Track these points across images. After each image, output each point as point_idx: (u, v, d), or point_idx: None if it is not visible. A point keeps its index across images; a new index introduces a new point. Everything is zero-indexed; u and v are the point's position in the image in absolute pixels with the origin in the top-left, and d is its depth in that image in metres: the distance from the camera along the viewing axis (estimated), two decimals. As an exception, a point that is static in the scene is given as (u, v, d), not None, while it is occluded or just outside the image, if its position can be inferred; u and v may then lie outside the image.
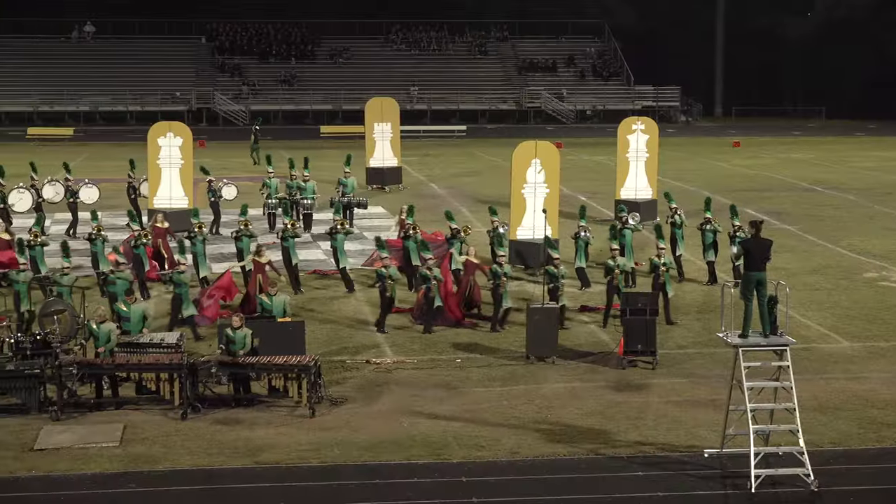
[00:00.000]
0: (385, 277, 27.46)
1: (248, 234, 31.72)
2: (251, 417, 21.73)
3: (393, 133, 51.84)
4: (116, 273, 26.94)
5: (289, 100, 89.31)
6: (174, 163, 39.89)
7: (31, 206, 40.60)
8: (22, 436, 20.69)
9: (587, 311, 29.40)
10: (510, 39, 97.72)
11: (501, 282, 27.36)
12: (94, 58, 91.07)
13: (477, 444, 20.34)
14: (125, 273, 27.08)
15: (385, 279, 27.46)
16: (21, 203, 40.70)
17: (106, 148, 69.03)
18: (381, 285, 27.64)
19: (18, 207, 40.37)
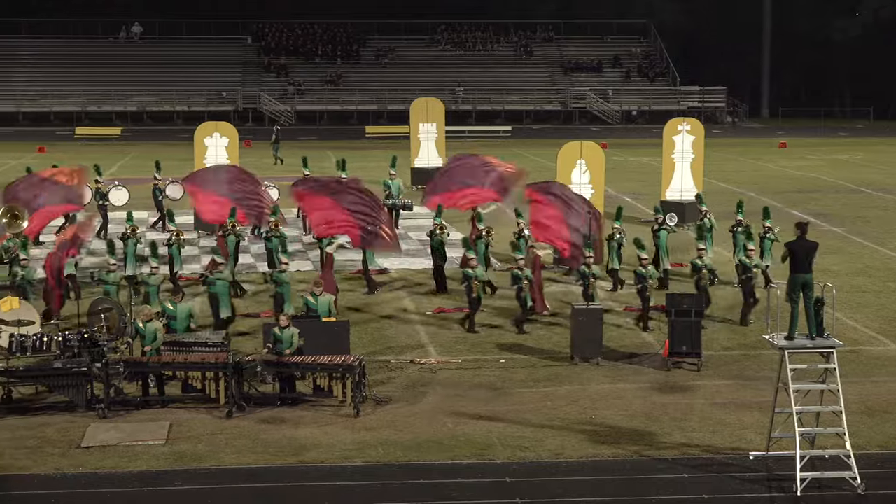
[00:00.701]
0: (471, 278, 27.45)
1: (277, 234, 31.72)
2: (296, 416, 21.80)
3: (438, 133, 51.89)
4: (215, 274, 27.00)
5: (334, 100, 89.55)
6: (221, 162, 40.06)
7: None
8: (69, 433, 20.84)
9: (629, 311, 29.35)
10: (556, 40, 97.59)
11: (524, 285, 27.32)
12: (142, 58, 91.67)
13: (521, 445, 20.32)
14: (224, 273, 27.04)
15: (471, 279, 27.43)
16: None
17: (153, 147, 69.40)
18: (468, 285, 27.61)
19: None
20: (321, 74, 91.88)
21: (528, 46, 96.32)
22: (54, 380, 21.98)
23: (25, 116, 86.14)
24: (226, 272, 27.06)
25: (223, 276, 26.89)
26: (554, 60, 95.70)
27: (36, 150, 66.41)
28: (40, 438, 20.55)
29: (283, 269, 27.15)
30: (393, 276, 33.11)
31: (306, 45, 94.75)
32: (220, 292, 26.67)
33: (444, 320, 28.72)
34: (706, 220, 32.84)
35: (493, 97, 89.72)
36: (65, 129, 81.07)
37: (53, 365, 22.11)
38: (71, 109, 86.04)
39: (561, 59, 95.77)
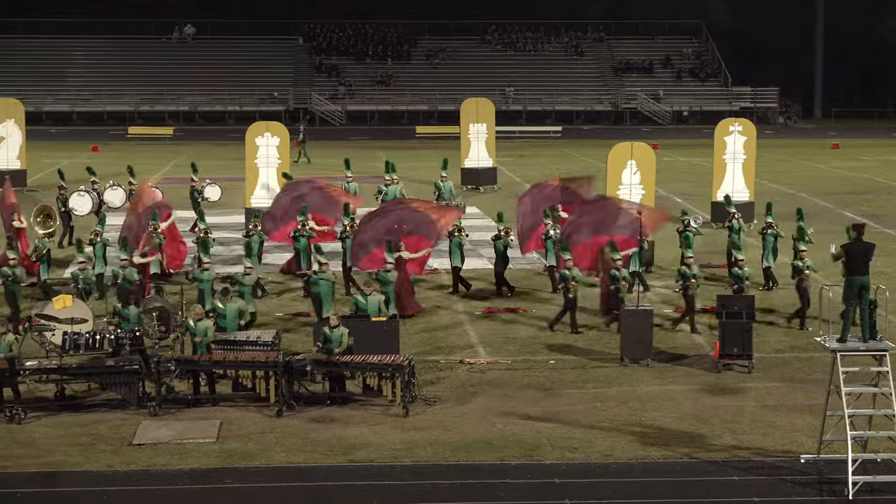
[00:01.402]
0: (568, 279, 27.44)
1: (305, 234, 31.73)
2: (345, 416, 21.86)
3: (488, 133, 51.88)
4: (319, 274, 27.08)
5: (384, 100, 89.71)
6: (271, 162, 40.23)
7: (91, 210, 40.32)
8: (121, 430, 21.01)
9: None
10: (606, 40, 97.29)
11: (572, 285, 27.25)
12: (194, 58, 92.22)
13: (570, 446, 20.29)
14: (327, 273, 27.06)
15: (568, 280, 27.40)
16: (82, 206, 39.95)
17: (205, 147, 69.82)
18: (564, 286, 27.59)
19: (79, 210, 39.80)
20: (372, 75, 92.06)
21: (578, 47, 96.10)
22: (107, 377, 22.17)
23: (79, 116, 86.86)
24: (328, 272, 27.07)
25: (326, 276, 26.88)
26: (605, 61, 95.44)
27: (90, 150, 66.95)
28: (93, 435, 20.73)
29: (324, 270, 27.23)
30: (443, 275, 33.09)
31: (357, 46, 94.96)
32: (323, 292, 26.73)
33: (493, 321, 28.70)
34: (734, 223, 32.64)
35: (543, 97, 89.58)
36: (118, 128, 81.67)
37: (106, 363, 22.31)
38: (124, 109, 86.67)
39: (612, 59, 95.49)
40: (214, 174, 46.86)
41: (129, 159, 60.76)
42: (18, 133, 50.18)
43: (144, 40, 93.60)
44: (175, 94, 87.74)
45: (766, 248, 31.61)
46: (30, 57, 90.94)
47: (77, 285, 27.77)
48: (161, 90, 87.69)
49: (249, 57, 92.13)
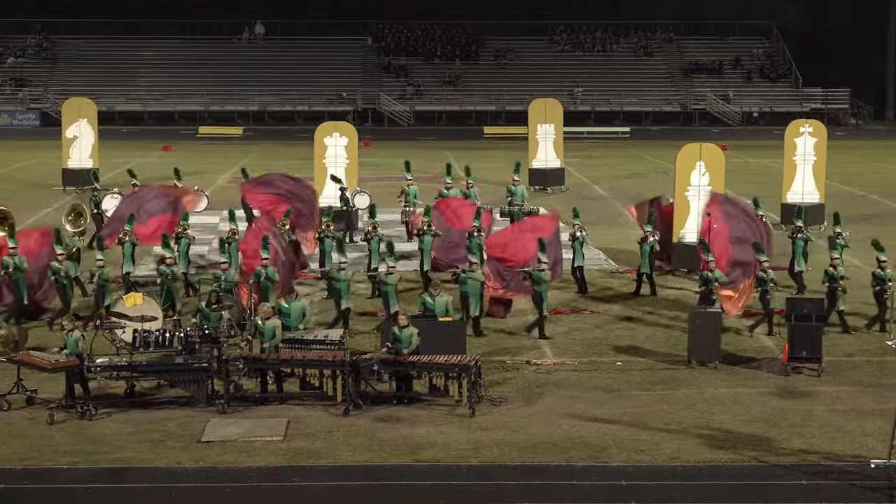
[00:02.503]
0: (767, 281, 27.36)
1: (329, 235, 31.76)
2: (412, 415, 21.91)
3: (556, 134, 51.76)
4: (468, 273, 27.13)
5: (453, 100, 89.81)
6: (340, 162, 40.42)
7: None
8: (189, 427, 21.18)
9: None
10: (676, 40, 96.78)
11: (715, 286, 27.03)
12: (264, 58, 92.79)
13: (637, 448, 20.21)
14: (476, 273, 27.08)
15: (711, 282, 27.27)
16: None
17: (274, 147, 70.28)
18: (707, 288, 27.47)
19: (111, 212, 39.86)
20: (440, 75, 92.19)
21: (647, 47, 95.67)
22: (176, 375, 22.35)
23: (151, 116, 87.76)
24: (478, 272, 27.07)
25: (475, 275, 26.94)
26: (674, 61, 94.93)
27: (160, 149, 67.60)
28: (162, 432, 20.92)
29: (391, 272, 27.30)
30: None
31: (426, 46, 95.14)
32: (471, 291, 26.83)
33: (559, 322, 28.64)
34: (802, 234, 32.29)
35: (611, 98, 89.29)
36: (188, 128, 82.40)
37: (175, 360, 22.51)
38: (194, 109, 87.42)
39: (681, 59, 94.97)
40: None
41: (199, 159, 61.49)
42: (91, 132, 50.76)
43: (215, 40, 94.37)
44: (245, 94, 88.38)
45: (796, 253, 31.32)
46: (102, 57, 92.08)
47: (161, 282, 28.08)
48: (231, 90, 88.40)
49: (319, 57, 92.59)
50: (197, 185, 40.50)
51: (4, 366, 23.51)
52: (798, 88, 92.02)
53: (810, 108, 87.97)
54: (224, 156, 64.00)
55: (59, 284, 27.93)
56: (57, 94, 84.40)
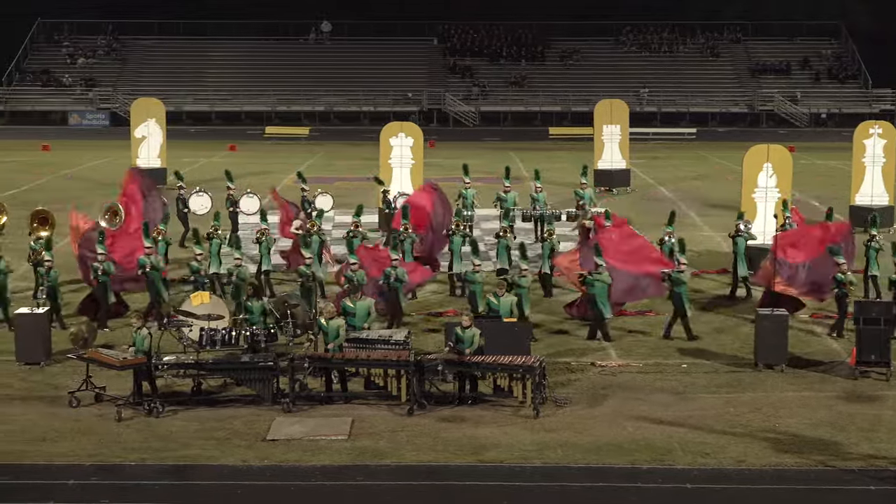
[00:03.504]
0: (845, 283, 27.20)
1: (357, 234, 31.75)
2: (476, 416, 21.93)
3: (622, 135, 51.58)
4: (594, 275, 26.98)
5: (518, 101, 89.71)
6: (405, 163, 40.53)
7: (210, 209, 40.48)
8: (255, 426, 21.33)
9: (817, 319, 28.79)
10: (743, 41, 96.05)
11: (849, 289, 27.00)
12: (330, 59, 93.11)
13: (702, 451, 20.10)
14: (604, 275, 26.93)
15: (844, 284, 27.15)
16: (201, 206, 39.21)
17: (339, 147, 70.57)
18: (841, 291, 27.35)
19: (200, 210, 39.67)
20: (506, 75, 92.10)
21: (714, 48, 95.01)
22: (242, 373, 22.51)
23: (218, 116, 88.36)
24: (605, 274, 27.01)
25: (602, 277, 26.89)
26: (741, 62, 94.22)
27: (227, 149, 68.08)
28: (228, 430, 21.08)
29: (477, 270, 27.28)
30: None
31: (491, 47, 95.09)
32: (598, 293, 26.79)
33: (624, 323, 28.53)
34: (788, 227, 31.91)
35: (678, 99, 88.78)
36: (255, 128, 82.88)
37: (241, 359, 22.67)
38: (261, 109, 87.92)
39: (748, 60, 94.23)
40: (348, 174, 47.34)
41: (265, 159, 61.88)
42: (159, 132, 51.26)
43: (282, 41, 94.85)
44: (311, 95, 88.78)
45: (870, 259, 30.96)
46: (171, 58, 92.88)
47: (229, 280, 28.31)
48: (297, 90, 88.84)
49: (385, 58, 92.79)
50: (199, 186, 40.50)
51: (74, 363, 23.78)
52: (867, 89, 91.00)
53: (880, 109, 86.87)
54: (290, 156, 64.34)
55: (148, 278, 28.28)
56: (126, 94, 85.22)
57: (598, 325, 27.14)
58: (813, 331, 27.95)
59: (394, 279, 27.05)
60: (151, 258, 28.46)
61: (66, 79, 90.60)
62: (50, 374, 24.42)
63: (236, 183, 39.18)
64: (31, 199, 45.20)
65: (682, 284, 27.09)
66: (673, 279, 27.08)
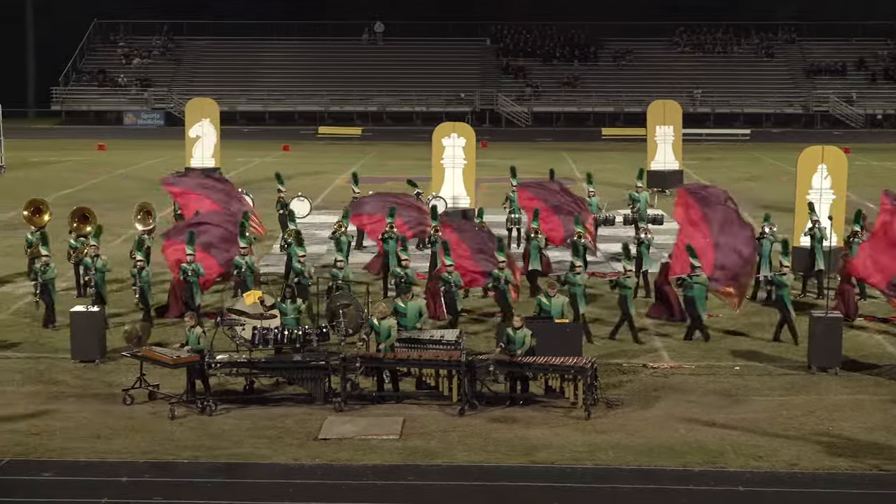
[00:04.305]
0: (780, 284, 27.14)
1: (392, 236, 31.67)
2: (527, 416, 21.91)
3: (675, 136, 51.37)
4: (692, 277, 26.79)
5: (570, 101, 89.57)
6: (457, 163, 40.53)
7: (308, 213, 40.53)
8: (307, 425, 21.41)
9: None
10: (798, 42, 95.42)
11: None
12: (383, 59, 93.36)
13: (755, 454, 19.99)
14: (702, 277, 26.77)
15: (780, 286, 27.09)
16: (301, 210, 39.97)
17: (392, 147, 70.71)
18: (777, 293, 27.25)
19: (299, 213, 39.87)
20: (559, 76, 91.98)
21: (769, 48, 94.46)
22: (294, 372, 22.60)
23: (271, 116, 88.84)
24: (703, 276, 26.86)
25: (700, 279, 26.75)
26: (796, 62, 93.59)
27: (280, 149, 68.39)
28: (280, 429, 21.17)
29: (578, 272, 27.23)
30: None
31: (544, 47, 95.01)
32: (696, 294, 26.67)
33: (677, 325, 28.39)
34: (817, 231, 31.58)
35: (731, 100, 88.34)
36: (308, 128, 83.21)
37: (293, 358, 22.76)
38: (314, 109, 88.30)
39: (803, 61, 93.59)
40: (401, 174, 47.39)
41: (318, 159, 62.13)
42: (213, 132, 51.56)
43: (335, 41, 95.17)
44: (364, 95, 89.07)
45: None
46: (225, 58, 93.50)
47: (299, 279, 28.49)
48: (350, 91, 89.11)
49: (437, 58, 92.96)
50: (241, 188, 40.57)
51: (128, 361, 23.98)
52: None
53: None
54: (343, 156, 64.56)
55: (242, 279, 28.47)
56: (181, 94, 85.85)
57: (696, 326, 26.95)
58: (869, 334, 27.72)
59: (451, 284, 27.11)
60: (247, 258, 28.64)
61: (121, 79, 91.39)
62: (104, 371, 24.65)
63: (287, 185, 39.34)
64: (86, 198, 45.63)
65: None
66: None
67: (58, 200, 45.01)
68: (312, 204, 42.43)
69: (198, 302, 27.48)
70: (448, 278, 27.21)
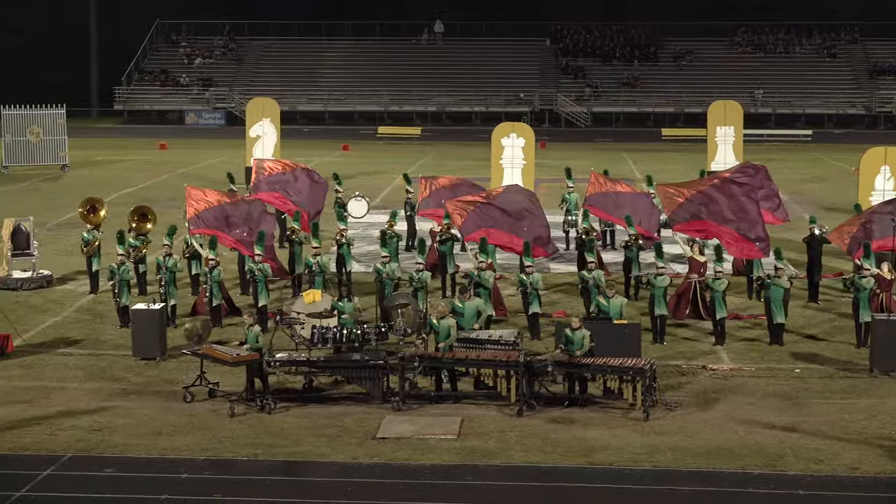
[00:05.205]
0: None
1: (450, 237, 31.51)
2: (585, 417, 21.87)
3: (736, 137, 51.04)
4: (772, 279, 26.61)
5: (630, 102, 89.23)
6: (516, 163, 40.53)
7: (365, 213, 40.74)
8: (365, 424, 21.48)
9: None
10: (861, 41, 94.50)
11: None
12: (442, 59, 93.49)
13: (815, 458, 19.83)
14: (783, 280, 26.65)
15: None
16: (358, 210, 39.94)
17: (451, 147, 70.75)
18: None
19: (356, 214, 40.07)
20: (618, 76, 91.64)
21: (831, 48, 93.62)
22: (353, 371, 22.68)
23: (331, 115, 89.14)
24: (784, 278, 26.72)
25: (781, 282, 26.62)
26: (859, 63, 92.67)
27: (340, 149, 68.63)
28: (339, 427, 21.26)
29: (662, 274, 27.11)
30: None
31: (604, 47, 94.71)
32: (773, 297, 26.48)
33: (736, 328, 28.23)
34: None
35: (793, 100, 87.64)
36: (368, 128, 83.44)
37: (352, 357, 22.84)
38: (374, 109, 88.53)
39: (866, 61, 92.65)
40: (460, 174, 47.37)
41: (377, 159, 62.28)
42: (273, 132, 51.84)
43: (395, 41, 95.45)
44: (423, 95, 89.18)
45: None
46: (285, 58, 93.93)
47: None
48: (410, 90, 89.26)
49: (497, 58, 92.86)
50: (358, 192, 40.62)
51: (188, 359, 24.18)
52: None
53: None
54: (402, 156, 64.66)
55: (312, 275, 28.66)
56: (241, 93, 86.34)
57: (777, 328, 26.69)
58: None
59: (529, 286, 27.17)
60: (319, 258, 28.77)
61: (183, 78, 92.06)
62: (165, 369, 24.86)
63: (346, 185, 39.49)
64: (147, 196, 46.06)
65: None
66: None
67: (119, 199, 45.49)
68: (371, 203, 42.52)
69: (263, 302, 27.55)
70: (524, 280, 27.21)
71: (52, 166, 57.98)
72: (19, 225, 33.03)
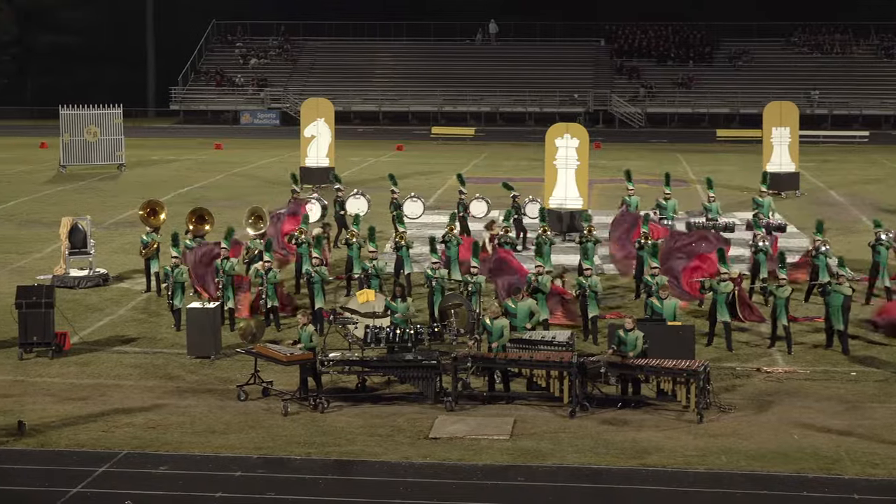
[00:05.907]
0: None
1: (508, 241, 31.38)
2: (638, 419, 21.79)
3: (791, 138, 50.72)
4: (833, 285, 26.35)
5: (685, 102, 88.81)
6: (570, 164, 40.40)
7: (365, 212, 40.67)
8: (418, 423, 21.51)
9: None
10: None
11: None
12: (496, 60, 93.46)
13: (871, 462, 19.65)
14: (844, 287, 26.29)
15: None
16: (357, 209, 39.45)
17: (504, 148, 70.72)
18: None
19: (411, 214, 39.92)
20: (673, 76, 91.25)
21: (889, 48, 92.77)
22: (406, 371, 22.72)
23: (385, 116, 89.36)
24: (845, 285, 26.43)
25: (842, 289, 26.30)
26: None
27: (394, 149, 68.77)
28: (391, 427, 21.30)
29: (725, 279, 26.86)
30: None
31: (658, 48, 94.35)
32: (832, 303, 26.23)
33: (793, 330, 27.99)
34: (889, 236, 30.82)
35: (850, 101, 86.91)
36: (421, 128, 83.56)
37: (405, 357, 22.87)
38: (428, 109, 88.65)
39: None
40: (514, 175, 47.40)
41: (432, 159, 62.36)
42: (328, 132, 52.03)
43: (449, 42, 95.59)
44: (477, 95, 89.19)
45: None
46: (340, 58, 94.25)
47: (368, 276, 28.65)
48: (464, 91, 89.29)
49: (551, 59, 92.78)
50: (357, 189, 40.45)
51: (242, 357, 24.32)
52: None
53: None
54: (456, 156, 64.71)
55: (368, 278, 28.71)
56: (296, 94, 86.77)
57: (840, 336, 26.42)
58: None
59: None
60: (376, 262, 28.87)
61: (238, 79, 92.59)
62: (219, 367, 25.00)
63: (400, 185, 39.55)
64: (202, 196, 46.35)
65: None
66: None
67: (175, 199, 45.81)
68: (426, 204, 42.62)
69: (319, 305, 27.62)
70: (583, 282, 27.13)
71: (108, 166, 58.50)
72: (76, 224, 33.33)
